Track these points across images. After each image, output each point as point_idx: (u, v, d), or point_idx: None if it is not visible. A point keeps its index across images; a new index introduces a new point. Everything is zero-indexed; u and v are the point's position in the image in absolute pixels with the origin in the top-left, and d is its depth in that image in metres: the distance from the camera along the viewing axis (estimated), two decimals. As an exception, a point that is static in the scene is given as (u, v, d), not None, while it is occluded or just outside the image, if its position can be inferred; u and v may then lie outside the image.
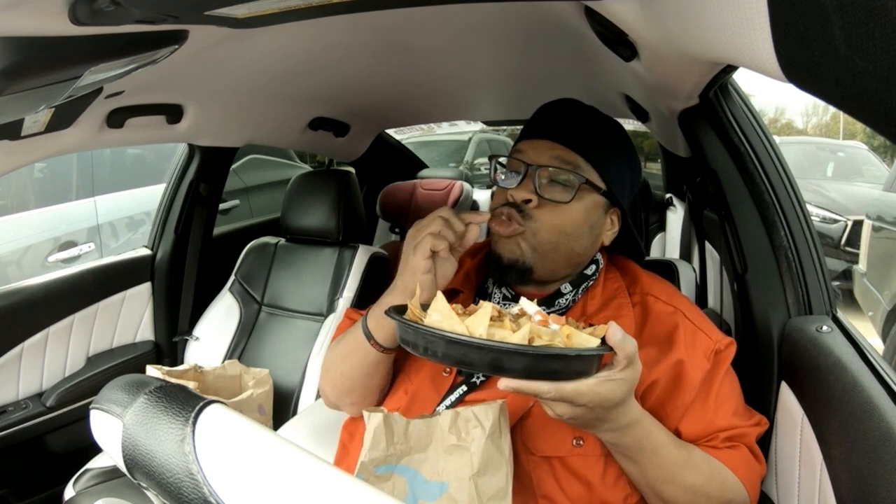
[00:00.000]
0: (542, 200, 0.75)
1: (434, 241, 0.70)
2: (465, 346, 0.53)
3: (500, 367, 0.53)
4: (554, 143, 0.76)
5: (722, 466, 0.70)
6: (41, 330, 1.42)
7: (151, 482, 0.35)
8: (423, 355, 0.57)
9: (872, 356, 0.70)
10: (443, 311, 0.57)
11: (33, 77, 0.63)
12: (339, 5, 0.68)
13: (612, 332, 0.56)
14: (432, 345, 0.55)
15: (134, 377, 0.41)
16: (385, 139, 2.41)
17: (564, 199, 0.74)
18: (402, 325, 0.59)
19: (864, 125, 0.31)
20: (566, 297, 0.80)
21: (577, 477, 0.70)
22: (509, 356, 0.53)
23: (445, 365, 0.70)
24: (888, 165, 5.54)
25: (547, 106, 0.83)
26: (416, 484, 0.68)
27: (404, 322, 0.58)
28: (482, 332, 0.54)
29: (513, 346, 0.52)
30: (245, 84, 1.26)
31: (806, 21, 0.30)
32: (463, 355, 0.54)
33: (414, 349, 0.58)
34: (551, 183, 0.75)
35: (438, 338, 0.54)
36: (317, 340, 1.50)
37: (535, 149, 0.77)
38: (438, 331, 0.55)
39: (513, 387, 0.54)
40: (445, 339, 0.54)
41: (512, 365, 0.53)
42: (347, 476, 0.32)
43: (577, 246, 0.77)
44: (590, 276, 0.82)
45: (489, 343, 0.53)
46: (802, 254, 0.87)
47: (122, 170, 2.93)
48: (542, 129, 0.78)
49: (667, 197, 2.00)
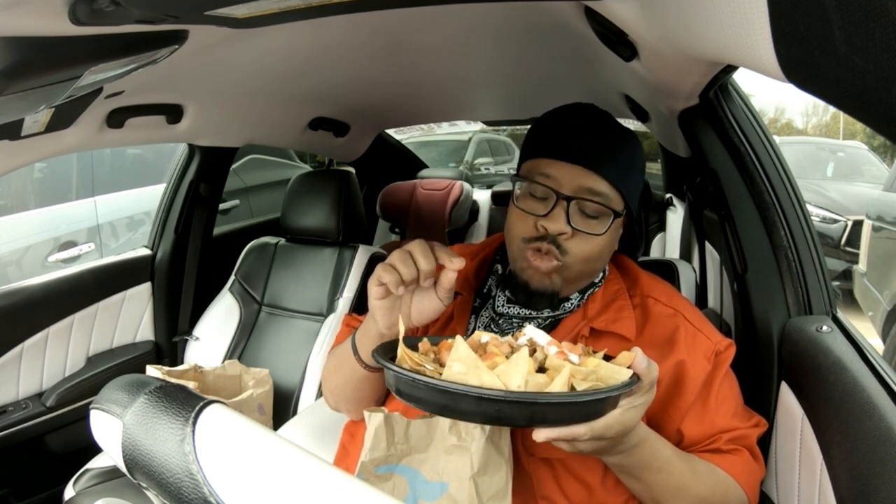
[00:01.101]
0: (575, 231, 0.73)
1: (381, 273, 0.65)
2: (500, 403, 0.46)
3: (542, 419, 0.49)
4: (582, 170, 0.72)
5: (724, 475, 0.70)
6: (41, 330, 1.42)
7: (151, 482, 0.35)
8: (440, 414, 0.50)
9: (872, 356, 0.70)
10: (467, 360, 0.49)
11: (33, 77, 0.63)
12: (338, 5, 0.68)
13: (639, 361, 0.55)
14: (455, 402, 0.47)
15: (134, 377, 0.41)
16: (385, 139, 2.41)
17: (598, 231, 0.73)
18: (406, 380, 0.50)
19: (864, 125, 0.31)
20: (571, 302, 0.80)
21: (578, 479, 0.70)
22: (554, 408, 0.48)
23: (469, 422, 0.62)
24: (888, 165, 5.55)
25: (565, 116, 0.78)
26: (417, 484, 0.68)
27: (413, 377, 0.49)
28: (520, 384, 0.47)
29: (558, 396, 0.47)
30: (245, 84, 1.26)
31: (806, 21, 0.30)
32: (498, 411, 0.47)
33: (425, 406, 0.50)
34: (582, 214, 0.74)
35: (467, 395, 0.47)
36: (317, 340, 1.50)
37: (563, 174, 0.73)
38: (467, 387, 0.47)
39: (552, 437, 0.51)
40: (476, 397, 0.46)
41: (555, 415, 0.49)
42: (347, 476, 0.32)
43: (599, 266, 0.78)
44: (596, 283, 0.82)
45: (532, 397, 0.47)
46: (802, 254, 0.87)
47: (122, 170, 2.93)
48: (568, 150, 0.74)
49: (667, 197, 2.00)
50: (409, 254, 0.66)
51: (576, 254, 0.73)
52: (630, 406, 0.55)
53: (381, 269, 0.66)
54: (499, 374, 0.48)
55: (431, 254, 0.66)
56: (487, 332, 0.59)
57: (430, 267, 0.65)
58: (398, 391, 0.52)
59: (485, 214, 2.78)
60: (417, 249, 0.66)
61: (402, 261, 0.65)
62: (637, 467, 0.64)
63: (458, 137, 5.24)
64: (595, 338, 0.76)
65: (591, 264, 0.76)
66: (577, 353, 0.55)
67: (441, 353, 0.55)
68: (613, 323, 0.76)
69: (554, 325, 0.79)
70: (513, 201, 0.77)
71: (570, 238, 0.73)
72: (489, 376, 0.48)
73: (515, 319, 0.80)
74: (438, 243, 0.69)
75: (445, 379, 0.49)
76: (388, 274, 0.65)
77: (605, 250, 0.76)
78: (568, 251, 0.73)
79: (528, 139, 0.81)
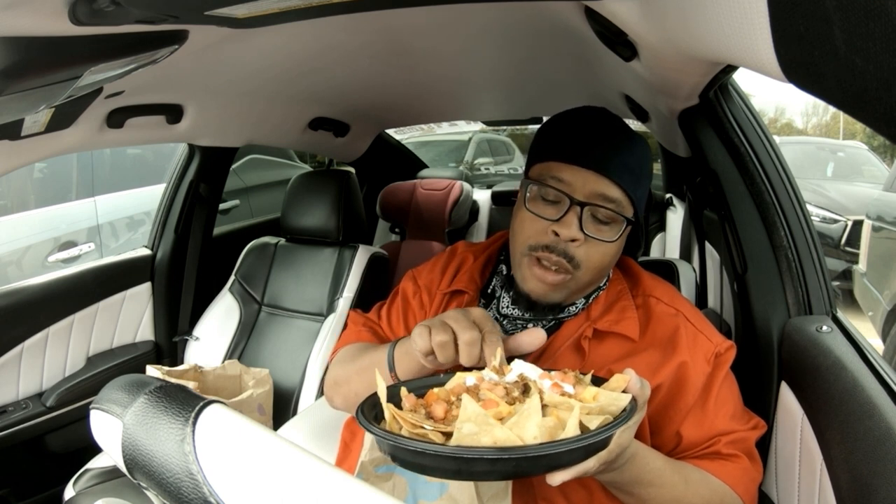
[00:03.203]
0: (587, 238, 0.72)
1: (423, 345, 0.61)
2: (518, 460, 0.44)
3: (559, 464, 0.48)
4: (596, 176, 0.71)
5: (719, 483, 0.69)
6: (41, 330, 1.42)
7: (151, 482, 0.35)
8: (452, 478, 0.48)
9: (872, 356, 0.71)
10: (477, 419, 0.46)
11: (33, 77, 0.63)
12: (338, 5, 0.68)
13: (634, 383, 0.55)
14: (469, 466, 0.45)
15: (134, 377, 0.41)
16: (385, 139, 2.41)
17: (610, 238, 0.72)
18: (411, 450, 0.46)
19: (864, 125, 0.31)
20: (576, 306, 0.79)
21: (579, 481, 0.70)
22: (570, 454, 0.46)
23: (485, 481, 0.61)
24: (888, 165, 5.54)
25: (578, 119, 0.77)
26: (417, 484, 0.68)
27: (421, 448, 0.45)
28: (536, 435, 0.46)
29: (576, 441, 0.46)
30: (245, 84, 1.26)
31: (806, 21, 0.30)
32: (515, 467, 0.45)
33: (433, 473, 0.48)
34: (594, 220, 0.73)
35: (483, 458, 0.44)
36: (317, 340, 1.50)
37: (577, 179, 0.72)
38: (481, 450, 0.44)
39: (567, 478, 0.51)
40: (491, 458, 0.44)
41: (569, 458, 0.48)
42: (347, 476, 0.32)
43: (606, 273, 0.78)
44: (601, 287, 0.81)
45: (551, 448, 0.45)
46: (802, 254, 0.87)
47: (122, 170, 2.93)
48: (581, 154, 0.72)
49: (667, 197, 2.00)
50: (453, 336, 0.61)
51: (587, 264, 0.72)
52: (626, 427, 0.55)
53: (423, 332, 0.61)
54: (511, 426, 0.46)
55: (479, 349, 0.60)
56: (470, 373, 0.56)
57: (469, 364, 0.61)
58: (399, 460, 0.48)
59: (485, 214, 2.78)
60: (466, 337, 0.60)
61: (443, 347, 0.60)
62: (630, 483, 0.63)
63: (458, 137, 5.24)
64: (598, 339, 0.76)
65: (600, 273, 0.75)
66: (570, 383, 0.54)
67: (431, 407, 0.52)
68: (617, 324, 0.75)
69: (557, 327, 0.78)
70: (522, 203, 0.75)
71: (581, 245, 0.72)
72: (503, 432, 0.45)
73: (520, 321, 0.80)
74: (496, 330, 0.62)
75: (457, 443, 0.46)
76: (421, 341, 0.62)
77: (614, 257, 0.76)
78: (580, 263, 0.72)
79: (538, 141, 0.79)
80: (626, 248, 0.85)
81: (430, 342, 0.61)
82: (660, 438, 0.73)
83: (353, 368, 0.81)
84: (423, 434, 0.48)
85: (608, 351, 0.74)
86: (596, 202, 0.71)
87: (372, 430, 0.49)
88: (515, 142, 5.76)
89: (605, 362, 0.73)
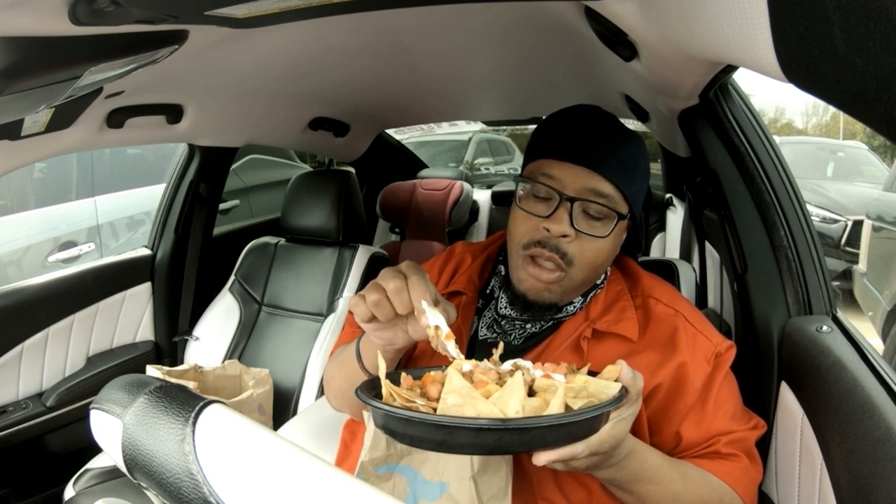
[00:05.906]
0: (578, 234, 0.72)
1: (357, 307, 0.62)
2: (500, 432, 0.45)
3: (542, 443, 0.48)
4: (587, 172, 0.71)
5: (718, 482, 0.69)
6: (41, 330, 1.42)
7: (151, 482, 0.35)
8: (437, 450, 0.48)
9: (872, 356, 0.71)
10: (461, 391, 0.48)
11: (33, 77, 0.63)
12: (338, 5, 0.68)
13: (625, 373, 0.56)
14: (453, 436, 0.46)
15: (134, 377, 0.41)
16: (385, 139, 2.41)
17: (602, 234, 0.72)
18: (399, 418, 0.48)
19: (864, 125, 0.31)
20: (574, 306, 0.79)
21: (578, 480, 0.70)
22: (554, 430, 0.47)
23: (468, 455, 0.62)
24: (888, 165, 5.54)
25: (570, 117, 0.77)
26: (417, 484, 0.68)
27: (406, 416, 0.47)
28: (517, 409, 0.46)
29: (558, 417, 0.46)
30: (245, 84, 1.26)
31: (806, 21, 0.30)
32: (497, 440, 0.45)
33: (420, 444, 0.49)
34: (586, 216, 0.73)
35: (465, 428, 0.45)
36: (317, 340, 1.50)
37: (567, 175, 0.72)
38: (464, 419, 0.46)
39: (552, 459, 0.51)
40: (475, 428, 0.45)
41: (554, 437, 0.48)
42: (347, 476, 0.32)
43: (601, 271, 0.78)
44: (598, 285, 0.81)
45: (533, 421, 0.46)
46: (802, 254, 0.87)
47: (122, 170, 2.93)
48: (572, 151, 0.72)
49: (667, 197, 2.00)
50: (384, 292, 0.61)
51: (579, 260, 0.72)
52: (619, 419, 0.55)
53: (358, 300, 0.62)
54: (494, 401, 0.47)
55: (406, 294, 0.61)
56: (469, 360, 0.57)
57: (403, 311, 0.61)
58: (389, 430, 0.50)
59: (485, 214, 2.78)
60: (391, 286, 0.61)
61: (377, 304, 0.61)
62: (628, 480, 0.63)
63: (458, 137, 5.24)
64: (597, 339, 0.75)
65: (594, 270, 0.75)
66: (561, 373, 0.55)
67: (427, 387, 0.54)
68: (616, 324, 0.75)
69: (556, 327, 0.78)
70: (515, 202, 0.76)
71: (573, 241, 0.72)
72: (486, 405, 0.47)
73: (518, 321, 0.80)
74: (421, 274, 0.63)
75: (442, 413, 0.47)
76: (359, 308, 0.62)
77: (608, 255, 0.75)
78: (572, 259, 0.72)
79: (532, 140, 0.80)
80: (625, 248, 0.85)
81: (367, 307, 0.61)
82: (659, 438, 0.73)
83: (336, 365, 0.84)
84: (414, 409, 0.49)
85: (607, 351, 0.74)
86: (586, 197, 0.71)
87: (365, 400, 0.51)
88: (515, 142, 5.76)
89: (604, 363, 0.73)
